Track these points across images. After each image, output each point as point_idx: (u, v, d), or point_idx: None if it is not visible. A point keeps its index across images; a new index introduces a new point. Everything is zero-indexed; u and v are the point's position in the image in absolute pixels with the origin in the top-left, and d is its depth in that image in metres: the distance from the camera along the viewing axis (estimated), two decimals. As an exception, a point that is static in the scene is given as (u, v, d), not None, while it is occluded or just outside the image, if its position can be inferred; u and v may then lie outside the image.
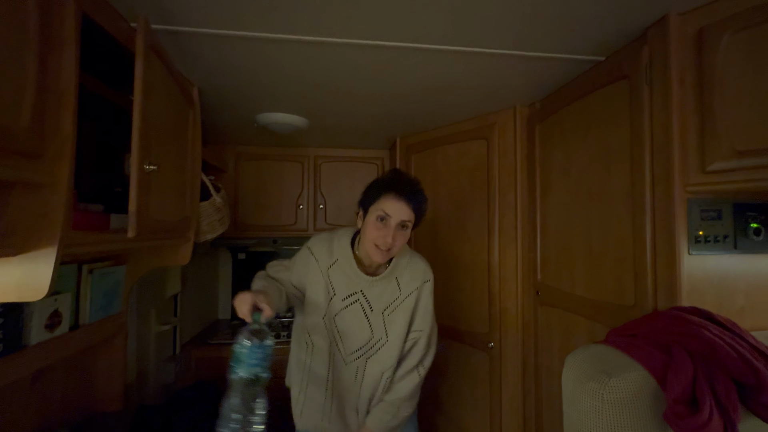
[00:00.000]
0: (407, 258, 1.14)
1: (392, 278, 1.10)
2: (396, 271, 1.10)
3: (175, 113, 1.07)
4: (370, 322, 1.08)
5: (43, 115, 0.63)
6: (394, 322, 1.09)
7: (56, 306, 0.93)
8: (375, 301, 1.08)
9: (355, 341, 1.08)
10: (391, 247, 0.99)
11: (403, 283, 1.10)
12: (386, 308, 1.09)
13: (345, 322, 1.08)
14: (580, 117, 1.17)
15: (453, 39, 1.00)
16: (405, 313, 1.10)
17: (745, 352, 0.65)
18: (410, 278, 1.11)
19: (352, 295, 1.08)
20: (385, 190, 1.01)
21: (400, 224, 0.99)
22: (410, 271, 1.12)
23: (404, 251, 1.13)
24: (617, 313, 1.00)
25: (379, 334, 1.08)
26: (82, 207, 0.89)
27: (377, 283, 1.08)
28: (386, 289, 1.09)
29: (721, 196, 0.87)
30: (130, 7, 0.86)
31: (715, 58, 0.79)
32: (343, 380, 1.10)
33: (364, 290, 1.08)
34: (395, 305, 1.10)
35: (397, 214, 0.99)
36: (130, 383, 1.36)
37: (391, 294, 1.10)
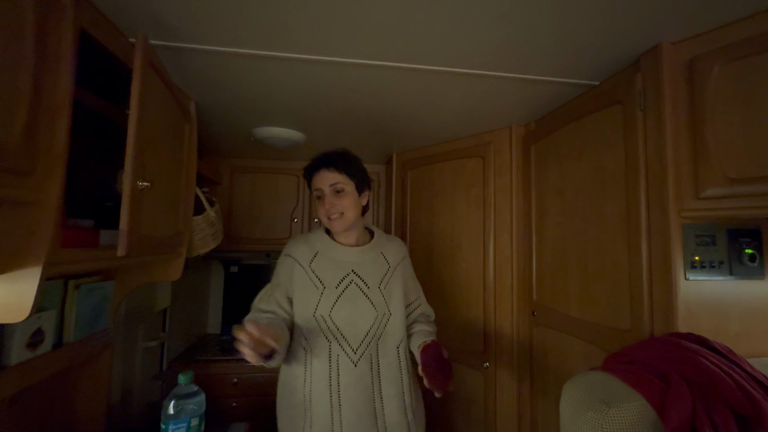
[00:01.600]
0: (385, 237, 1.19)
1: (378, 252, 1.12)
2: (379, 244, 1.14)
3: (171, 128, 1.06)
4: (370, 299, 1.05)
5: (36, 132, 0.62)
6: (392, 294, 1.09)
7: (39, 324, 0.90)
8: (368, 276, 1.07)
9: (362, 326, 1.03)
10: (342, 212, 1.03)
11: (389, 257, 1.14)
12: (381, 281, 1.08)
13: (344, 312, 1.02)
14: (574, 139, 1.18)
15: (451, 61, 1.01)
16: (398, 285, 1.12)
17: (743, 382, 0.64)
18: (394, 251, 1.16)
19: (344, 279, 1.05)
20: (309, 173, 1.08)
21: (332, 190, 1.03)
22: (392, 246, 1.17)
23: (380, 232, 1.19)
24: (613, 336, 1.00)
25: (382, 309, 1.06)
26: (71, 223, 0.87)
27: (366, 254, 1.09)
28: (375, 263, 1.10)
29: (715, 222, 0.87)
30: (129, 22, 0.86)
31: (706, 87, 0.81)
32: (358, 386, 0.99)
33: (356, 269, 1.07)
34: (388, 278, 1.10)
35: (324, 182, 1.03)
36: (114, 403, 1.31)
37: (381, 267, 1.11)
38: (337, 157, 1.06)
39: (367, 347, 1.03)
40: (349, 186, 1.05)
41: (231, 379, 1.82)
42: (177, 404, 0.81)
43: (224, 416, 1.78)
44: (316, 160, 1.08)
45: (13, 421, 0.91)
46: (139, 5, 0.80)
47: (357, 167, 1.07)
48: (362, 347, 1.03)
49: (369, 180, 1.12)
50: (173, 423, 0.80)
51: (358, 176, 1.07)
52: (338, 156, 1.06)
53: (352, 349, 1.02)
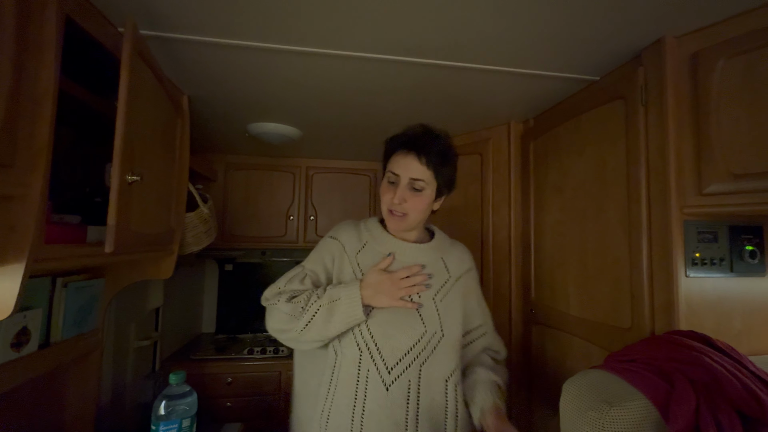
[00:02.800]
0: (448, 240, 0.98)
1: (437, 255, 0.92)
2: (441, 248, 0.93)
3: (163, 121, 1.03)
4: (419, 311, 0.84)
5: (17, 123, 0.59)
6: (448, 311, 0.87)
7: (25, 323, 0.87)
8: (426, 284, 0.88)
9: (403, 341, 0.82)
10: (407, 212, 0.84)
11: (451, 265, 0.92)
12: (437, 292, 0.87)
13: (384, 321, 0.82)
14: (574, 135, 1.17)
15: (449, 54, 0.99)
16: (457, 302, 0.90)
17: (747, 381, 0.63)
18: (458, 259, 0.94)
19: None
20: (394, 147, 0.87)
21: (409, 184, 0.83)
22: (456, 252, 0.96)
23: (443, 234, 0.99)
24: (613, 334, 0.98)
25: (433, 326, 0.84)
26: (57, 218, 0.84)
27: (423, 254, 0.89)
28: (433, 267, 0.90)
29: (717, 219, 0.86)
30: (118, 11, 0.83)
31: (710, 81, 0.79)
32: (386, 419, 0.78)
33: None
34: (446, 289, 0.89)
35: (406, 171, 0.83)
36: (104, 403, 1.28)
37: (440, 275, 0.90)
38: (436, 146, 0.85)
39: (405, 369, 0.81)
40: (431, 187, 0.86)
41: (225, 378, 1.79)
42: (168, 405, 0.79)
43: (218, 416, 1.76)
44: (408, 138, 0.86)
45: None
46: (127, -8, 0.77)
47: (450, 168, 0.88)
48: (399, 367, 0.80)
49: (454, 184, 0.92)
50: (164, 424, 0.78)
51: (445, 179, 0.88)
52: (438, 146, 0.85)
53: (387, 367, 0.81)
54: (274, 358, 1.86)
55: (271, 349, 1.93)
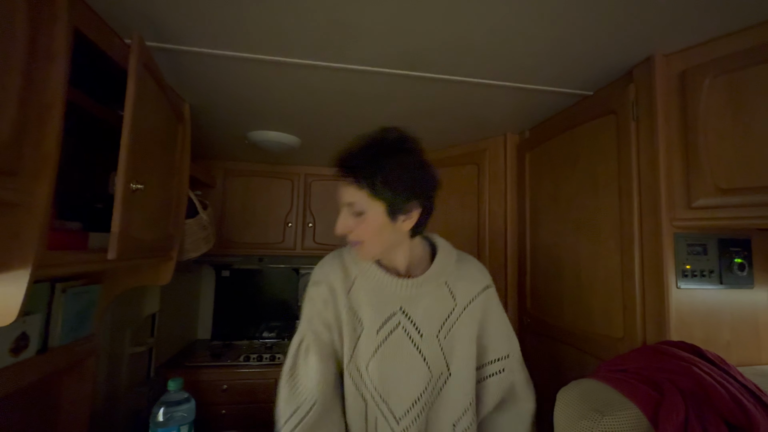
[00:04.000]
0: (454, 256, 0.81)
1: (440, 282, 0.77)
2: (444, 271, 0.78)
3: (165, 130, 1.05)
4: (423, 354, 0.74)
5: (25, 131, 0.61)
6: (455, 346, 0.76)
7: (24, 328, 0.87)
8: (423, 319, 0.75)
9: (411, 390, 0.74)
10: (360, 239, 0.71)
11: (458, 290, 0.78)
12: (441, 328, 0.76)
13: (387, 368, 0.74)
14: (568, 148, 1.20)
15: (445, 68, 1.02)
16: (468, 333, 0.77)
17: (735, 392, 0.65)
18: (466, 282, 0.79)
19: (389, 319, 0.75)
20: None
21: (348, 209, 0.71)
22: (464, 273, 0.80)
23: (448, 250, 0.82)
24: (606, 344, 1.00)
25: (438, 368, 0.75)
26: (58, 225, 0.85)
27: (421, 289, 0.75)
28: (436, 300, 0.76)
29: (706, 232, 0.89)
30: (124, 23, 0.85)
31: (698, 99, 0.82)
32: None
33: (405, 306, 0.75)
34: (452, 321, 0.76)
35: (341, 195, 0.71)
36: (98, 409, 1.27)
37: (444, 306, 0.77)
38: (360, 158, 0.69)
39: (416, 418, 0.74)
40: (376, 208, 0.68)
41: (221, 385, 1.78)
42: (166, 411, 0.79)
43: (213, 424, 1.74)
44: (340, 156, 0.72)
45: (-7, 428, 0.88)
46: (134, 6, 0.79)
47: (390, 178, 0.67)
48: (409, 417, 0.73)
49: (424, 187, 0.72)
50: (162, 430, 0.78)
51: (391, 193, 0.67)
52: (363, 156, 0.69)
53: (395, 417, 0.74)
54: (270, 366, 1.85)
55: (267, 356, 1.93)
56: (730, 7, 0.74)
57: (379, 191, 0.67)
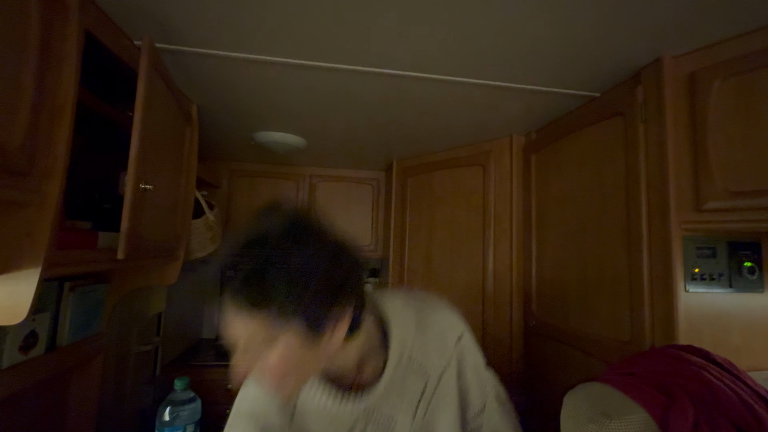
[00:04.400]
0: (413, 323, 0.64)
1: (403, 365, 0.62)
2: (404, 353, 0.62)
3: (173, 131, 1.06)
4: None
5: (37, 133, 0.62)
6: (436, 421, 0.64)
7: (33, 326, 0.88)
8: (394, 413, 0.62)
9: None
10: (277, 380, 0.49)
11: (428, 360, 0.64)
12: (415, 412, 0.63)
13: None
14: (575, 149, 1.19)
15: (453, 70, 1.02)
16: (449, 403, 0.65)
17: (746, 397, 0.64)
18: (435, 349, 0.65)
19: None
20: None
21: (241, 348, 0.49)
22: (430, 338, 0.65)
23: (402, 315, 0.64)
24: (613, 347, 0.99)
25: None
26: (69, 224, 0.86)
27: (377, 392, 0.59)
28: (402, 385, 0.62)
29: (715, 235, 0.88)
30: (133, 24, 0.86)
31: (707, 101, 0.82)
32: None
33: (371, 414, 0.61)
34: (428, 397, 0.64)
35: (235, 332, 0.49)
36: (105, 407, 1.28)
37: (414, 386, 0.63)
38: (250, 280, 0.47)
39: None
40: (286, 336, 0.47)
41: (225, 385, 1.79)
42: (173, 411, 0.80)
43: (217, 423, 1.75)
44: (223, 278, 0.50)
45: (2, 424, 0.89)
46: (144, 8, 0.80)
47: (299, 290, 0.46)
48: None
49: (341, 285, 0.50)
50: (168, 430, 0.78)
51: (306, 308, 0.47)
52: (252, 278, 0.47)
53: None
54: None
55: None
56: (739, 9, 0.73)
57: (285, 313, 0.46)
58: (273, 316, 0.46)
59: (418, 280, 1.80)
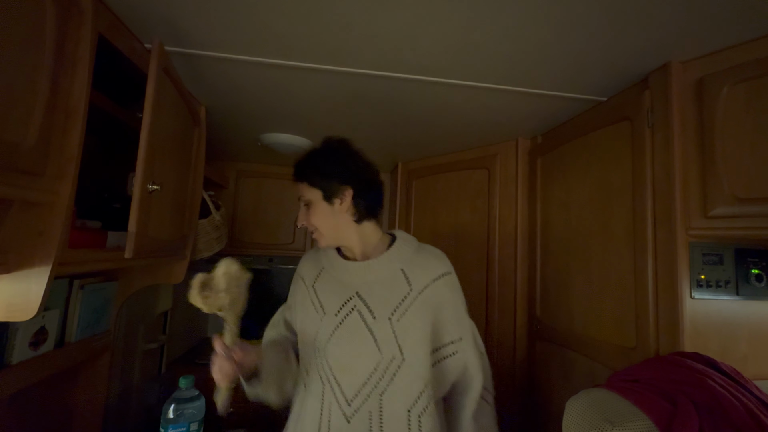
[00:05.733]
0: (413, 247, 0.87)
1: (395, 268, 0.83)
2: (399, 258, 0.84)
3: (181, 131, 1.07)
4: (374, 335, 0.78)
5: (50, 134, 0.63)
6: (408, 330, 0.78)
7: (43, 323, 0.90)
8: (377, 302, 0.80)
9: (360, 371, 0.77)
10: (315, 228, 0.85)
11: (413, 276, 0.82)
12: (394, 311, 0.79)
13: (340, 350, 0.79)
14: (581, 154, 1.19)
15: (458, 73, 1.02)
16: (422, 317, 0.79)
17: (751, 406, 0.63)
18: (423, 268, 0.84)
19: (345, 303, 0.81)
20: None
21: (303, 204, 0.86)
22: (422, 260, 0.85)
23: (406, 240, 0.88)
24: (617, 353, 0.98)
25: (390, 351, 0.77)
26: (79, 224, 0.88)
27: (374, 271, 0.82)
28: (390, 283, 0.81)
29: (722, 241, 0.87)
30: (144, 27, 0.87)
31: (715, 107, 0.81)
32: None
33: (361, 291, 0.81)
34: (406, 306, 0.79)
35: (298, 194, 0.87)
36: (111, 404, 1.30)
37: (398, 290, 0.81)
38: (302, 161, 0.87)
39: (365, 400, 0.76)
40: (315, 195, 0.83)
41: (229, 384, 1.80)
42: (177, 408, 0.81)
43: (220, 422, 1.76)
44: (293, 165, 0.90)
45: (10, 420, 0.91)
46: (155, 11, 0.82)
47: (321, 168, 0.83)
48: (359, 399, 0.77)
49: (353, 173, 0.84)
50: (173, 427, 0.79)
51: (323, 180, 0.83)
52: (304, 160, 0.86)
53: (346, 399, 0.77)
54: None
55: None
56: (748, 15, 0.73)
57: (313, 180, 0.84)
58: (309, 182, 0.83)
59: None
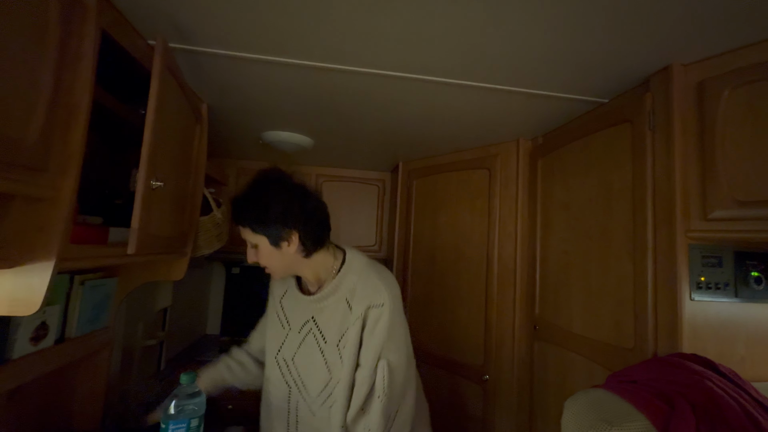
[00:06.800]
0: (356, 273, 0.91)
1: (341, 298, 0.90)
2: (343, 288, 0.90)
3: (183, 129, 1.07)
4: (325, 358, 0.89)
5: (53, 129, 0.63)
6: (350, 354, 0.86)
7: (44, 318, 0.90)
8: (327, 329, 0.90)
9: (316, 384, 0.90)
10: (265, 266, 0.91)
11: (356, 303, 0.88)
12: (341, 338, 0.89)
13: (305, 359, 0.92)
14: (581, 155, 1.19)
15: (460, 73, 1.03)
16: (356, 338, 0.87)
17: (749, 407, 0.64)
18: (362, 298, 0.88)
19: (305, 324, 0.93)
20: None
21: (248, 245, 0.91)
22: (361, 289, 0.89)
23: (355, 265, 0.93)
24: (616, 354, 0.99)
25: (337, 374, 0.87)
26: (81, 219, 0.88)
27: (323, 303, 0.91)
28: (336, 313, 0.90)
29: (722, 244, 0.87)
30: (148, 24, 0.88)
31: (716, 110, 0.81)
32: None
33: (315, 316, 0.92)
34: (349, 332, 0.88)
35: (242, 235, 0.92)
36: (110, 400, 1.30)
37: (343, 319, 0.89)
38: (238, 203, 0.90)
39: (321, 405, 0.90)
40: (261, 241, 0.88)
41: (228, 381, 1.81)
42: (178, 404, 0.81)
43: (219, 418, 1.77)
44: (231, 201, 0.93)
45: (10, 415, 0.91)
46: (159, 8, 0.82)
47: (262, 215, 0.86)
48: (317, 403, 0.90)
49: (294, 217, 0.86)
50: (173, 423, 0.79)
51: (267, 227, 0.86)
52: (239, 201, 0.90)
53: (312, 397, 0.91)
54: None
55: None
56: (748, 19, 0.73)
57: (257, 229, 0.87)
58: (252, 230, 0.88)
59: (421, 281, 1.80)
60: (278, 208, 0.86)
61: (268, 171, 0.92)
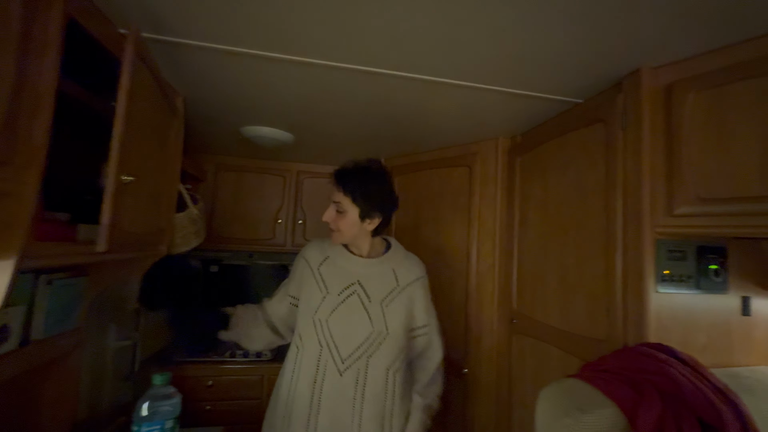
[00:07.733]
0: (402, 253, 1.17)
1: (388, 267, 1.11)
2: (392, 261, 1.13)
3: (158, 122, 1.04)
4: (369, 313, 1.04)
5: (17, 121, 0.60)
6: (393, 313, 1.06)
7: (5, 320, 0.85)
8: (373, 290, 1.07)
9: (355, 338, 1.03)
10: (337, 228, 1.05)
11: (400, 275, 1.11)
12: (384, 298, 1.07)
13: (341, 321, 1.03)
14: (558, 154, 1.23)
15: (443, 71, 1.04)
16: (403, 306, 1.08)
17: (708, 392, 0.68)
18: (407, 270, 1.13)
19: (348, 287, 1.06)
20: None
21: (334, 207, 1.05)
22: (407, 265, 1.15)
23: (398, 248, 1.18)
24: (589, 345, 1.03)
25: (379, 326, 1.04)
26: (47, 216, 0.84)
27: (373, 267, 1.09)
28: (383, 277, 1.09)
29: (686, 238, 0.92)
30: (120, 13, 0.84)
31: (682, 112, 0.86)
32: (339, 397, 1.01)
33: (362, 280, 1.07)
34: (393, 296, 1.08)
35: (332, 194, 1.06)
36: (82, 404, 1.25)
37: (389, 283, 1.09)
38: (351, 174, 1.04)
39: (356, 360, 1.03)
40: (352, 210, 1.03)
41: (206, 381, 1.77)
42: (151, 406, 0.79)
43: (197, 419, 1.73)
44: (336, 172, 1.07)
45: (-28, 422, 0.86)
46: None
47: (368, 192, 1.03)
48: (351, 359, 1.03)
49: (387, 206, 1.07)
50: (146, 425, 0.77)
51: (366, 202, 1.03)
52: (353, 174, 1.04)
53: (341, 358, 1.02)
54: (257, 362, 1.85)
55: (253, 352, 1.92)
56: (714, 26, 0.77)
57: (358, 201, 1.03)
58: (353, 199, 1.03)
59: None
60: (382, 195, 1.05)
61: (378, 162, 1.10)
